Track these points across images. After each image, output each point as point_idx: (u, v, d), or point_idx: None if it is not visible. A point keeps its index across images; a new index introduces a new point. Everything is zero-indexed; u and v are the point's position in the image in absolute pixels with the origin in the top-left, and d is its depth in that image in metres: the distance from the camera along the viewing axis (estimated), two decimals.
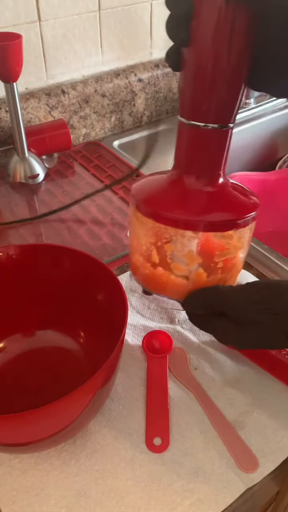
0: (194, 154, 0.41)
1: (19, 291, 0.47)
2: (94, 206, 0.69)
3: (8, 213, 0.68)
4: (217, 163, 0.42)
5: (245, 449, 0.41)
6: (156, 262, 0.43)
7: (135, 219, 0.44)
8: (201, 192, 0.41)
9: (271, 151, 1.08)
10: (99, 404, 0.41)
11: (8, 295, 0.47)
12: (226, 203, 0.41)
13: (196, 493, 0.38)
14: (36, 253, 0.46)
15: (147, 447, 0.41)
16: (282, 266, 0.58)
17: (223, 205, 0.41)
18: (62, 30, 0.77)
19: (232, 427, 0.42)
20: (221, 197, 0.42)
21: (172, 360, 0.48)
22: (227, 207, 0.41)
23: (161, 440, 0.41)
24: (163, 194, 0.42)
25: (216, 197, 0.41)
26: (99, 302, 0.45)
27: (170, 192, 0.42)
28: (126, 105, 0.88)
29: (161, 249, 0.42)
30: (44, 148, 0.76)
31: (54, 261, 0.46)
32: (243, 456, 0.40)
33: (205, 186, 0.41)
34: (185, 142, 0.41)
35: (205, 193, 0.41)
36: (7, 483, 0.39)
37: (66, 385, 0.43)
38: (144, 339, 0.49)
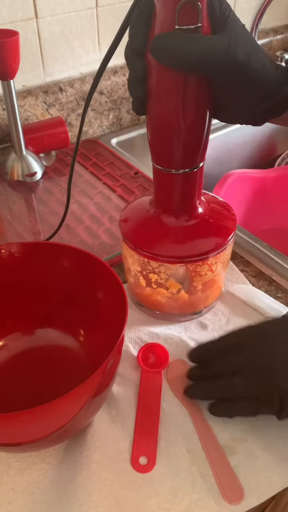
0: (170, 193, 0.44)
1: (19, 289, 0.47)
2: (92, 204, 0.69)
3: (5, 211, 0.68)
4: (191, 198, 0.45)
5: (232, 477, 0.38)
6: (144, 286, 0.49)
7: (124, 247, 0.48)
8: (179, 227, 0.46)
9: (269, 149, 1.07)
10: (97, 405, 0.40)
11: (8, 293, 0.47)
12: (201, 235, 0.45)
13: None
14: (37, 251, 0.46)
15: (132, 466, 0.39)
16: (282, 264, 0.58)
17: (199, 238, 0.45)
18: (60, 27, 0.76)
19: (223, 451, 0.40)
20: (198, 230, 0.46)
21: (171, 372, 0.46)
22: (201, 240, 0.45)
23: (147, 459, 0.40)
24: (145, 229, 0.47)
25: (192, 231, 0.45)
26: (99, 300, 0.45)
27: (152, 227, 0.47)
28: (124, 102, 0.88)
29: (146, 277, 0.47)
30: (42, 146, 0.75)
31: (55, 259, 0.46)
32: (228, 484, 0.38)
33: (183, 220, 0.46)
34: (159, 183, 0.45)
35: (182, 228, 0.46)
36: (4, 482, 0.39)
37: (65, 383, 0.43)
38: (140, 352, 0.47)
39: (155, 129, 0.40)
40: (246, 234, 0.63)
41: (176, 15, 0.33)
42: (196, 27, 0.34)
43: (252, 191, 0.89)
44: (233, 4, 0.97)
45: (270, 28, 1.07)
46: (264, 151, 1.06)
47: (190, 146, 0.40)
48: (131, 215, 0.48)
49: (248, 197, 0.89)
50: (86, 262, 0.44)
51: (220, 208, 0.48)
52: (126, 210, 0.49)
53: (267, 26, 1.06)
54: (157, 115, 0.39)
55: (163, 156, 0.41)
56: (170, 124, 0.38)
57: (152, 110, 0.39)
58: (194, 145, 0.40)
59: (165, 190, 0.44)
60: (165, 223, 0.45)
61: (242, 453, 0.40)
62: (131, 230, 0.46)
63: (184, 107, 0.37)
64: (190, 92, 0.36)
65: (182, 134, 0.39)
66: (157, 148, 0.41)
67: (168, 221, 0.45)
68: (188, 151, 0.40)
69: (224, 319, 0.52)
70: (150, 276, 0.47)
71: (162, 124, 0.39)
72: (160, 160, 0.42)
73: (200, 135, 0.40)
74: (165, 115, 0.38)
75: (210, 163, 1.06)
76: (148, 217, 0.47)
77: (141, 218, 0.47)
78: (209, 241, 0.45)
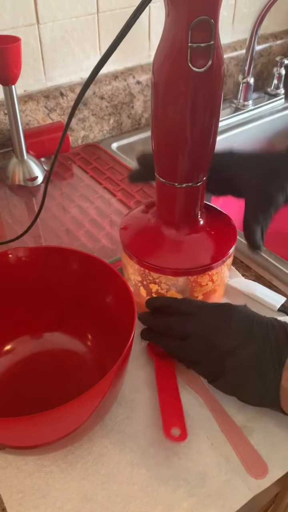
0: (172, 205, 0.45)
1: (27, 293, 0.48)
2: (92, 208, 0.69)
3: (6, 215, 0.68)
4: (194, 211, 0.46)
5: (254, 454, 0.41)
6: (144, 296, 0.49)
7: (124, 257, 0.48)
8: (181, 239, 0.46)
9: None
10: (107, 408, 0.41)
11: (16, 297, 0.47)
12: (202, 248, 0.46)
13: (202, 499, 0.38)
14: (45, 255, 0.46)
15: (165, 436, 0.41)
16: (281, 268, 0.58)
17: (200, 251, 0.46)
18: (61, 32, 0.77)
19: (242, 432, 0.42)
20: (199, 242, 0.46)
21: (181, 364, 0.47)
22: (203, 251, 0.46)
23: (179, 430, 0.41)
24: (146, 239, 0.47)
25: (194, 242, 0.46)
26: (107, 305, 0.45)
27: (153, 238, 0.47)
28: (124, 107, 0.88)
29: (147, 287, 0.48)
30: (43, 150, 0.76)
31: (63, 264, 0.46)
32: (252, 461, 0.40)
33: (185, 233, 0.46)
34: (163, 195, 0.45)
35: (184, 240, 0.46)
36: (14, 485, 0.39)
37: (73, 387, 0.44)
38: (149, 344, 0.49)
39: (160, 143, 0.41)
40: None
41: (189, 32, 0.33)
42: (208, 45, 0.34)
43: None
44: (233, 10, 0.97)
45: (270, 33, 1.07)
46: None
47: (195, 162, 0.41)
48: (132, 223, 0.49)
49: None
50: (94, 267, 0.45)
51: (220, 219, 0.49)
52: (127, 217, 0.50)
53: (267, 32, 1.07)
54: (162, 129, 0.39)
55: (167, 170, 0.42)
56: (175, 140, 0.39)
57: (158, 126, 0.39)
58: (199, 161, 0.41)
59: (168, 202, 0.45)
60: (166, 235, 0.46)
61: (259, 431, 0.42)
62: (132, 240, 0.47)
63: (190, 125, 0.37)
64: (197, 106, 0.37)
65: (187, 149, 0.39)
66: (162, 162, 0.42)
67: (169, 233, 0.46)
68: (192, 167, 0.41)
69: None
70: (151, 287, 0.47)
71: (167, 139, 0.39)
72: (164, 173, 0.42)
73: (205, 151, 0.40)
74: (171, 129, 0.38)
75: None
76: (149, 228, 0.47)
77: (142, 228, 0.48)
78: (211, 253, 0.45)
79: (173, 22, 0.34)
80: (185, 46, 0.34)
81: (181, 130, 0.38)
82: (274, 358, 0.38)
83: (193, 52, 0.34)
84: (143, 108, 0.91)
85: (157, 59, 0.36)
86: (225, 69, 0.37)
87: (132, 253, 0.46)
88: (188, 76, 0.35)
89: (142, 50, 0.89)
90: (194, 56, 0.34)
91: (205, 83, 0.36)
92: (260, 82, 1.08)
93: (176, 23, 0.33)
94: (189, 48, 0.34)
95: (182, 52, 0.34)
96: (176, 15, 0.33)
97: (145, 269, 0.46)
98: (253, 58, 0.91)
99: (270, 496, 0.48)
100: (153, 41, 0.89)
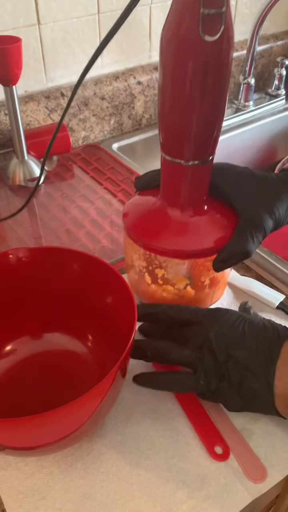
0: (178, 186, 0.43)
1: (28, 293, 0.47)
2: (93, 209, 0.69)
3: (7, 216, 0.68)
4: (200, 193, 0.44)
5: (253, 458, 0.40)
6: (149, 283, 0.48)
7: (128, 243, 0.47)
8: (187, 221, 0.44)
9: (270, 154, 1.08)
10: (107, 409, 0.41)
11: (16, 297, 0.47)
12: (209, 229, 0.45)
13: (201, 501, 0.38)
14: (45, 255, 0.46)
15: (210, 454, 0.41)
16: (281, 269, 0.58)
17: (207, 232, 0.44)
18: (61, 33, 0.77)
19: (241, 435, 0.42)
20: (205, 224, 0.45)
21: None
22: (211, 233, 0.44)
23: (221, 448, 0.41)
24: (151, 222, 0.45)
25: (200, 225, 0.45)
26: (108, 305, 0.45)
27: (158, 221, 0.45)
28: (125, 107, 0.88)
29: (152, 272, 0.46)
30: (44, 151, 0.76)
31: (63, 264, 0.46)
32: (251, 465, 0.40)
33: (190, 215, 0.44)
34: (168, 175, 0.43)
35: (191, 222, 0.44)
36: (14, 486, 0.39)
37: (73, 388, 0.44)
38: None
39: (168, 118, 0.39)
40: None
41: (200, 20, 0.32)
42: (220, 12, 0.33)
43: None
44: (234, 11, 0.97)
45: (271, 34, 1.07)
46: (264, 156, 1.07)
47: (202, 136, 0.39)
48: (134, 209, 0.47)
49: None
50: (94, 267, 0.44)
51: (224, 205, 0.47)
52: (127, 205, 0.48)
53: (267, 32, 1.07)
54: (171, 104, 0.38)
55: (173, 146, 0.40)
56: (185, 114, 0.37)
57: (166, 99, 0.38)
58: (207, 135, 0.39)
59: (173, 183, 0.43)
60: (172, 217, 0.44)
61: (259, 433, 0.42)
62: (136, 224, 0.45)
63: (200, 93, 0.36)
64: (207, 77, 0.36)
65: (196, 124, 0.38)
66: (169, 136, 0.40)
67: (175, 214, 0.44)
68: (199, 141, 0.39)
69: (225, 303, 0.55)
70: (157, 272, 0.46)
71: (176, 113, 0.38)
72: (170, 149, 0.40)
73: (214, 123, 0.39)
74: (179, 102, 0.37)
75: None
76: (153, 210, 0.46)
77: (145, 212, 0.46)
78: (217, 235, 0.44)
79: (183, 10, 0.33)
80: (197, 12, 0.32)
81: (191, 103, 0.37)
82: (267, 356, 0.38)
83: (205, 20, 0.33)
84: (144, 108, 0.91)
85: (166, 30, 0.35)
86: (234, 43, 0.36)
87: (136, 236, 0.44)
88: (199, 45, 0.34)
89: (143, 50, 0.89)
90: (206, 24, 0.33)
91: (216, 52, 0.34)
92: (261, 83, 1.08)
93: (186, 11, 0.32)
94: (201, 14, 0.32)
95: (194, 19, 0.33)
96: None
97: (151, 253, 0.44)
98: (254, 59, 0.91)
99: (271, 498, 0.47)
100: (154, 42, 0.89)
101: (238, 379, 0.39)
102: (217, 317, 0.42)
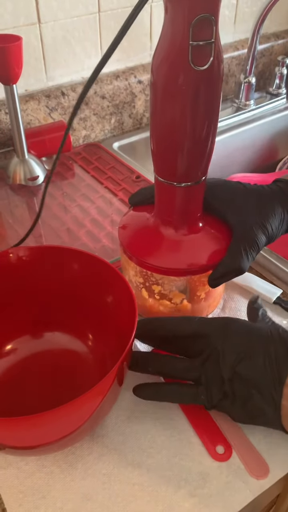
0: (172, 205, 0.44)
1: (28, 292, 0.47)
2: (93, 208, 0.69)
3: (7, 215, 0.68)
4: (194, 211, 0.45)
5: (255, 454, 0.40)
6: (146, 298, 0.49)
7: (124, 259, 0.48)
8: (182, 239, 0.46)
9: (271, 153, 1.08)
10: (108, 408, 0.41)
11: (16, 296, 0.47)
12: (204, 246, 0.46)
13: (203, 499, 0.38)
14: (46, 254, 0.46)
15: (210, 455, 0.41)
16: (282, 268, 0.58)
17: (202, 249, 0.45)
18: (62, 32, 0.77)
19: (243, 433, 0.42)
20: (200, 241, 0.46)
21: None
22: (205, 250, 0.45)
23: (223, 448, 0.41)
24: (147, 240, 0.46)
25: (195, 242, 0.46)
26: (108, 305, 0.45)
27: (154, 238, 0.46)
28: (126, 106, 0.88)
29: (149, 288, 0.47)
30: (44, 150, 0.76)
31: (64, 263, 0.46)
32: (253, 462, 0.40)
33: (185, 232, 0.46)
34: (161, 195, 0.44)
35: (186, 240, 0.46)
36: (14, 485, 0.39)
37: (74, 387, 0.44)
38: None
39: (159, 142, 0.40)
40: None
41: (190, 30, 0.33)
42: (209, 42, 0.34)
43: None
44: (235, 10, 0.97)
45: (272, 33, 1.07)
46: (265, 155, 1.06)
47: (194, 161, 0.40)
48: (131, 225, 0.48)
49: None
50: (95, 266, 0.44)
51: (218, 220, 0.48)
52: (124, 219, 0.49)
53: (268, 31, 1.06)
54: (161, 128, 0.39)
55: (166, 169, 0.41)
56: (175, 138, 0.38)
57: (156, 122, 0.39)
58: (198, 159, 0.40)
59: (167, 202, 0.44)
60: (166, 235, 0.45)
61: (260, 430, 0.42)
62: (132, 242, 0.46)
63: (190, 121, 0.37)
64: (197, 104, 0.36)
65: (186, 148, 0.39)
66: (161, 161, 0.41)
67: (169, 233, 0.45)
68: (191, 165, 0.40)
69: (222, 301, 0.55)
70: (153, 288, 0.47)
71: (167, 138, 0.39)
72: (163, 173, 0.42)
73: (204, 150, 0.40)
74: (170, 127, 0.38)
75: (211, 167, 1.05)
76: (148, 228, 0.47)
77: (141, 229, 0.47)
78: (212, 251, 0.45)
79: (173, 20, 0.33)
80: (186, 45, 0.33)
81: (181, 129, 0.38)
82: (275, 375, 0.37)
83: (194, 51, 0.33)
84: (144, 107, 0.91)
85: (156, 58, 0.36)
86: (224, 68, 0.36)
87: (133, 255, 0.45)
88: (189, 74, 0.35)
89: (144, 49, 0.89)
90: (195, 55, 0.34)
91: (205, 81, 0.35)
92: (261, 82, 1.08)
93: (176, 21, 0.33)
94: (190, 46, 0.33)
95: (183, 51, 0.34)
96: (176, 13, 0.33)
97: (148, 271, 0.45)
98: (254, 58, 0.91)
99: (272, 497, 0.47)
100: (155, 41, 0.88)
101: (244, 397, 0.38)
102: (226, 329, 0.40)
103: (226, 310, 0.54)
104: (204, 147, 0.40)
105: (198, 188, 0.43)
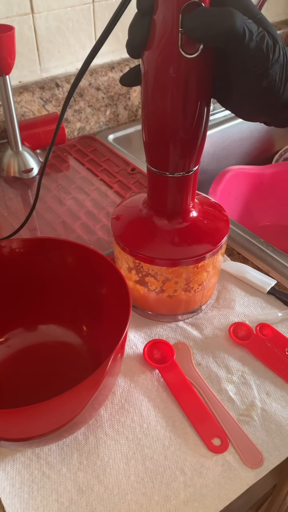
0: (164, 196, 0.44)
1: (21, 284, 0.47)
2: (88, 201, 0.69)
3: (2, 208, 0.67)
4: (185, 201, 0.45)
5: (250, 444, 0.41)
6: (139, 289, 0.48)
7: (118, 250, 0.48)
8: (173, 229, 0.45)
9: (267, 145, 1.07)
10: (102, 399, 0.40)
11: (10, 288, 0.47)
12: (197, 236, 0.45)
13: (199, 489, 0.38)
14: (39, 246, 0.46)
15: (207, 447, 0.41)
16: (279, 260, 0.58)
17: (194, 240, 0.45)
18: (56, 22, 0.76)
19: (237, 422, 0.42)
20: (192, 232, 0.45)
21: (176, 355, 0.47)
22: (198, 240, 0.45)
23: (220, 440, 0.41)
24: (140, 231, 0.46)
25: (187, 233, 0.45)
26: (102, 296, 0.45)
27: (146, 229, 0.46)
28: (121, 98, 0.88)
29: (142, 279, 0.47)
30: (38, 142, 0.75)
31: (58, 255, 0.46)
32: (248, 451, 0.40)
33: (177, 223, 0.45)
34: (154, 185, 0.44)
35: (177, 230, 0.45)
36: (10, 476, 0.39)
37: (68, 379, 0.43)
38: (145, 348, 0.47)
39: (151, 132, 0.40)
40: (243, 231, 0.63)
41: (180, 16, 0.32)
42: None
43: (249, 187, 0.89)
44: None
45: None
46: (261, 147, 1.06)
47: (186, 150, 0.40)
48: (123, 215, 0.48)
49: (246, 194, 0.89)
50: (89, 258, 0.44)
51: (212, 209, 0.48)
52: (117, 209, 0.49)
53: None
54: (153, 117, 0.38)
55: (158, 159, 0.41)
56: (166, 127, 0.38)
57: (148, 112, 0.39)
58: (190, 149, 0.40)
59: (159, 192, 0.44)
60: (159, 225, 0.45)
61: (255, 420, 0.43)
62: (124, 232, 0.46)
63: (182, 109, 0.37)
64: (188, 93, 0.36)
65: (178, 138, 0.38)
66: (153, 150, 0.41)
67: (162, 223, 0.45)
68: (184, 155, 0.40)
69: (216, 291, 0.55)
70: (147, 279, 0.47)
71: (158, 128, 0.39)
72: (155, 162, 0.42)
73: (196, 139, 0.40)
74: (162, 117, 0.38)
75: (207, 159, 1.06)
76: (141, 218, 0.46)
77: (133, 219, 0.47)
78: (205, 242, 0.45)
79: (162, 6, 0.32)
80: (175, 31, 0.33)
81: (172, 118, 0.37)
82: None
83: (184, 37, 0.33)
84: (140, 99, 0.90)
85: (146, 46, 0.35)
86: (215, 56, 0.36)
87: (126, 246, 0.45)
88: (179, 62, 0.34)
89: None
90: (185, 42, 0.33)
91: (196, 69, 0.35)
92: None
93: (165, 7, 0.32)
94: (180, 33, 0.33)
95: (173, 38, 0.33)
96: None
97: (141, 262, 0.45)
98: None
99: (268, 487, 0.48)
100: None
101: None
102: None
103: (221, 300, 0.54)
104: (196, 136, 0.39)
105: (191, 178, 0.42)
